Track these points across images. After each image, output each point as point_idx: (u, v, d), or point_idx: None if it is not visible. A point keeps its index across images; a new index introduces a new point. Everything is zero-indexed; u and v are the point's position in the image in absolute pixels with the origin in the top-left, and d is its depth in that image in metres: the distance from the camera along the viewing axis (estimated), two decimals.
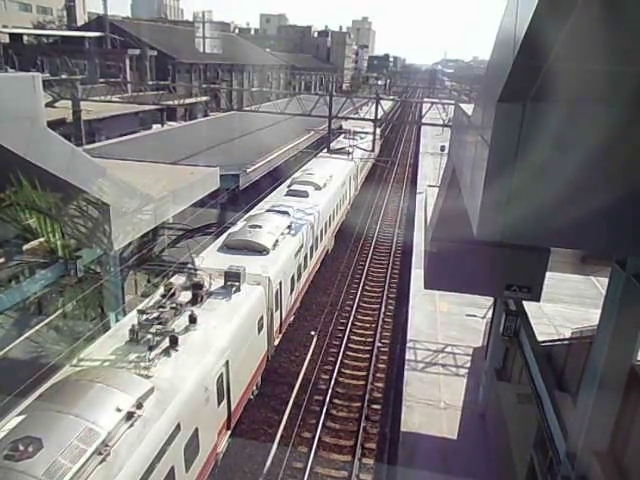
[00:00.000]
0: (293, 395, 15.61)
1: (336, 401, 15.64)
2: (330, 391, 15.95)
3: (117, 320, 13.37)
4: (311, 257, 20.65)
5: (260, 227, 17.38)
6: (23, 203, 11.81)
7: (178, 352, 10.25)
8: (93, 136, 34.12)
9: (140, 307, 11.30)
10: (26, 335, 12.21)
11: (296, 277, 17.99)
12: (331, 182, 26.33)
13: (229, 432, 12.22)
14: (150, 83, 46.54)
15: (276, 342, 16.03)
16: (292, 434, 14.12)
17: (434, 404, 14.04)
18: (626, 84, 4.28)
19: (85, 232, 12.70)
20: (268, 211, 19.94)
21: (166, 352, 10.14)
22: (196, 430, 9.87)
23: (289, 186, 24.57)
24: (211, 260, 15.14)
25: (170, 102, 39.48)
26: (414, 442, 12.60)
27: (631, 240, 5.10)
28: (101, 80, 42.14)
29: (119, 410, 8.18)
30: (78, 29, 58.56)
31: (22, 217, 12.26)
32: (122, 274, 15.30)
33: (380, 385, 16.58)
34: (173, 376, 9.68)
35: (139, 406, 8.47)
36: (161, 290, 12.12)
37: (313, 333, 19.06)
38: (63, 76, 37.70)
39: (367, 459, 13.54)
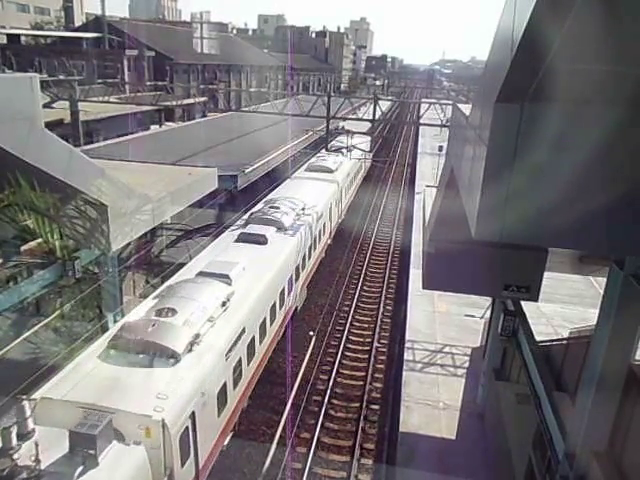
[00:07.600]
0: (292, 396, 15.61)
1: (335, 402, 15.65)
2: (329, 391, 15.95)
3: (115, 321, 13.35)
4: (262, 339, 14.27)
5: (174, 312, 11.10)
6: (21, 204, 11.77)
7: None
8: (91, 137, 34.09)
9: None
10: (24, 336, 12.18)
11: (230, 385, 11.85)
12: (303, 217, 20.16)
13: None
14: (148, 84, 46.41)
15: None
16: (291, 435, 14.12)
17: (433, 404, 14.04)
18: (624, 84, 4.28)
19: (83, 233, 12.64)
20: (200, 275, 13.60)
21: None
22: None
23: (244, 226, 18.28)
24: (75, 381, 9.13)
25: (168, 103, 39.44)
26: (413, 442, 12.59)
27: (629, 240, 5.10)
28: (99, 81, 42.08)
29: None
30: (76, 30, 58.48)
31: (20, 218, 12.20)
32: (120, 275, 15.27)
33: (379, 385, 16.60)
34: None
35: None
36: None
37: (312, 334, 19.07)
38: (61, 77, 37.61)
39: (366, 459, 13.56)
